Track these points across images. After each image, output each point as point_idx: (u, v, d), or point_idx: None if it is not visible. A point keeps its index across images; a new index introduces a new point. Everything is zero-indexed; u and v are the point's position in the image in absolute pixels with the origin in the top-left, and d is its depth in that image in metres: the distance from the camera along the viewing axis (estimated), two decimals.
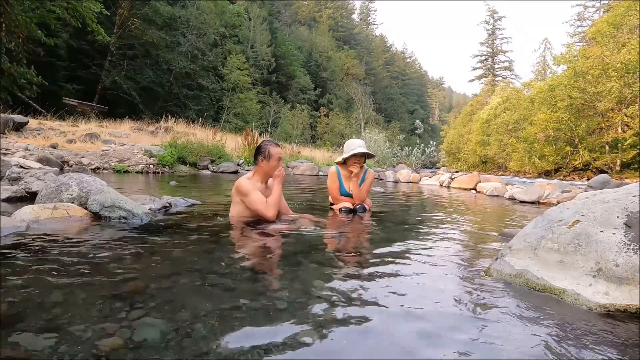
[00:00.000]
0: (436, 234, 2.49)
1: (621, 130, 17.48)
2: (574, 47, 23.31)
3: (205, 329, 0.97)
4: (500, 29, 51.54)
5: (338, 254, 1.90)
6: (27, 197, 3.08)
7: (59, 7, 12.82)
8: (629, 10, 16.92)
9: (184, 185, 5.82)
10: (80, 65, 18.99)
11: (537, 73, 35.60)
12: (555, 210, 1.58)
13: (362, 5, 72.58)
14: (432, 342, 0.97)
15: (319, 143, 28.97)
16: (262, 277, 1.46)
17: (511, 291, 1.35)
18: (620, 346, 0.97)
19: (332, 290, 1.30)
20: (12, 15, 12.09)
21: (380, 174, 10.68)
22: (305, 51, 42.89)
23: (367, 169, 3.28)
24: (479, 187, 6.99)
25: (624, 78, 15.95)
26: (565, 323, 1.10)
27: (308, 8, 56.51)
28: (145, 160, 8.63)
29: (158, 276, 1.38)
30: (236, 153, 11.82)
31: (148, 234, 2.11)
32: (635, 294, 1.16)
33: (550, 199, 4.89)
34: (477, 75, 52.29)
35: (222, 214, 2.84)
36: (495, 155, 29.96)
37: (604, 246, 1.27)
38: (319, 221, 2.79)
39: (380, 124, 32.93)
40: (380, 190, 6.36)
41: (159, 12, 20.46)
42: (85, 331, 0.92)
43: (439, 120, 78.16)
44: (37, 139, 9.13)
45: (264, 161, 2.51)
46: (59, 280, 1.27)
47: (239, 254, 1.81)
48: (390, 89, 60.62)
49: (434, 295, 1.32)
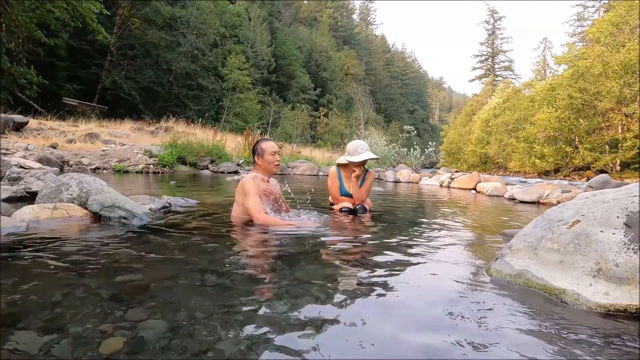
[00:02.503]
0: (436, 234, 2.49)
1: (621, 130, 17.48)
2: (575, 46, 23.30)
3: (205, 329, 0.97)
4: (500, 29, 51.59)
5: (338, 254, 1.90)
6: (27, 197, 3.08)
7: (59, 7, 12.83)
8: (630, 10, 16.93)
9: (184, 185, 5.83)
10: (80, 65, 19.00)
11: (537, 73, 35.61)
12: (555, 210, 1.58)
13: (362, 5, 72.66)
14: (431, 342, 0.97)
15: (319, 143, 28.97)
16: (262, 277, 1.46)
17: (511, 291, 1.35)
18: (620, 346, 0.97)
19: (332, 290, 1.30)
20: (12, 15, 12.09)
21: (380, 174, 10.68)
22: (305, 51, 42.88)
23: (368, 169, 3.28)
24: (478, 187, 6.98)
25: (623, 78, 15.95)
26: (565, 323, 1.10)
27: (308, 8, 56.51)
28: (145, 160, 8.63)
29: (158, 276, 1.38)
30: (236, 153, 11.82)
31: (148, 234, 2.11)
32: (635, 294, 1.16)
33: (550, 199, 4.89)
34: (477, 75, 52.33)
35: (222, 214, 2.84)
36: (495, 155, 29.97)
37: (604, 246, 1.27)
38: (321, 219, 2.79)
39: (380, 124, 32.92)
40: (380, 190, 6.36)
41: (159, 12, 20.46)
42: (86, 331, 0.92)
43: (439, 120, 78.16)
44: (37, 139, 9.13)
45: (259, 158, 2.57)
46: (59, 280, 1.27)
47: (239, 254, 1.81)
48: (390, 89, 60.62)
49: (434, 295, 1.32)
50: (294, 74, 37.47)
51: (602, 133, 18.46)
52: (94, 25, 14.21)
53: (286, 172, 10.60)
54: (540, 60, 37.58)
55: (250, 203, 2.42)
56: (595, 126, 18.62)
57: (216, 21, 25.50)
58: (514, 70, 50.41)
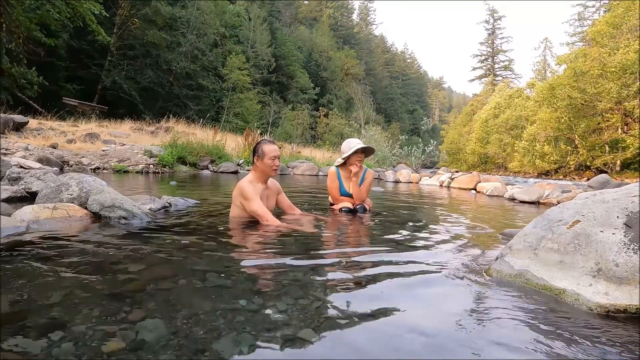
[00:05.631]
0: (436, 234, 2.48)
1: (621, 130, 17.48)
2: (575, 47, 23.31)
3: (205, 329, 0.96)
4: (500, 29, 51.60)
5: (338, 254, 1.90)
6: (27, 197, 3.08)
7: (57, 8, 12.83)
8: (628, 10, 16.93)
9: (184, 185, 5.83)
10: (80, 65, 19.02)
11: (537, 73, 35.62)
12: (555, 210, 1.58)
13: (361, 5, 72.61)
14: (431, 342, 0.97)
15: (319, 143, 28.96)
16: (262, 277, 1.46)
17: (511, 291, 1.35)
18: (620, 346, 0.97)
19: (332, 290, 1.30)
20: (12, 15, 12.10)
21: (380, 174, 10.68)
22: (305, 51, 42.84)
23: (367, 168, 3.28)
24: (478, 187, 6.98)
25: (622, 79, 15.95)
26: (565, 323, 1.10)
27: (308, 8, 56.50)
28: (145, 160, 8.63)
29: (158, 276, 1.38)
30: (236, 153, 11.81)
31: (148, 234, 2.11)
32: (635, 294, 1.16)
33: (550, 199, 4.89)
34: (477, 75, 52.36)
35: (222, 214, 2.84)
36: (495, 155, 29.98)
37: (604, 246, 1.27)
38: (322, 219, 2.79)
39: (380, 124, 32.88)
40: (380, 190, 6.36)
41: (159, 13, 20.47)
42: (86, 331, 0.92)
43: (439, 120, 78.13)
44: (37, 139, 9.14)
45: (259, 160, 2.53)
46: (59, 280, 1.27)
47: (239, 254, 1.81)
48: (390, 89, 60.57)
49: (434, 295, 1.32)
50: (294, 74, 37.44)
51: (602, 133, 18.47)
52: (93, 26, 14.22)
53: (286, 173, 10.60)
54: (541, 60, 37.60)
55: (254, 207, 2.42)
56: (595, 126, 18.63)
57: (216, 21, 25.50)
58: (513, 70, 50.49)
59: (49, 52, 15.04)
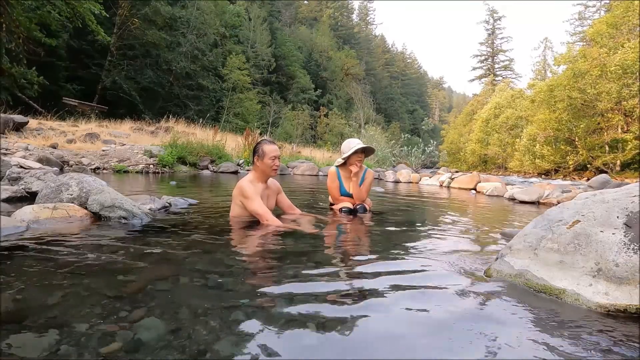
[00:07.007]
0: (436, 234, 2.48)
1: (620, 130, 17.48)
2: (574, 47, 23.32)
3: (205, 329, 0.97)
4: (500, 29, 51.60)
5: (338, 254, 1.90)
6: (27, 197, 3.08)
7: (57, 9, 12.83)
8: (627, 10, 16.92)
9: (184, 185, 5.83)
10: (80, 65, 19.01)
11: (537, 73, 35.63)
12: (555, 210, 1.58)
13: (361, 5, 72.61)
14: (431, 342, 0.97)
15: (319, 143, 28.97)
16: (262, 277, 1.46)
17: (511, 291, 1.35)
18: (620, 346, 0.97)
19: (332, 290, 1.30)
20: (12, 15, 12.10)
21: (380, 174, 10.67)
22: (305, 51, 42.85)
23: (367, 168, 3.28)
24: (479, 187, 6.98)
25: (622, 79, 15.95)
26: (565, 323, 1.10)
27: (308, 8, 56.51)
28: (145, 160, 8.63)
29: (158, 276, 1.38)
30: (236, 153, 11.81)
31: (148, 234, 2.11)
32: (635, 294, 1.16)
33: (550, 199, 4.89)
34: (477, 75, 52.34)
35: (222, 213, 2.84)
36: (496, 155, 29.98)
37: (604, 246, 1.27)
38: (322, 219, 2.79)
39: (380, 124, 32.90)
40: (380, 190, 6.36)
41: (159, 13, 20.46)
42: (86, 331, 0.92)
43: (439, 120, 78.13)
44: (37, 139, 9.13)
45: (259, 160, 2.53)
46: (59, 280, 1.27)
47: (239, 254, 1.81)
48: (390, 89, 60.60)
49: (434, 295, 1.32)
50: (294, 74, 37.45)
51: (602, 133, 18.46)
52: (93, 26, 14.22)
53: (286, 172, 10.60)
54: (541, 60, 37.61)
55: (255, 206, 2.42)
56: (595, 126, 18.63)
57: (216, 21, 25.49)
58: (514, 70, 50.51)
59: (49, 52, 15.04)
